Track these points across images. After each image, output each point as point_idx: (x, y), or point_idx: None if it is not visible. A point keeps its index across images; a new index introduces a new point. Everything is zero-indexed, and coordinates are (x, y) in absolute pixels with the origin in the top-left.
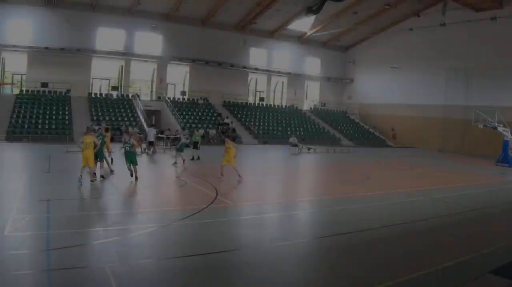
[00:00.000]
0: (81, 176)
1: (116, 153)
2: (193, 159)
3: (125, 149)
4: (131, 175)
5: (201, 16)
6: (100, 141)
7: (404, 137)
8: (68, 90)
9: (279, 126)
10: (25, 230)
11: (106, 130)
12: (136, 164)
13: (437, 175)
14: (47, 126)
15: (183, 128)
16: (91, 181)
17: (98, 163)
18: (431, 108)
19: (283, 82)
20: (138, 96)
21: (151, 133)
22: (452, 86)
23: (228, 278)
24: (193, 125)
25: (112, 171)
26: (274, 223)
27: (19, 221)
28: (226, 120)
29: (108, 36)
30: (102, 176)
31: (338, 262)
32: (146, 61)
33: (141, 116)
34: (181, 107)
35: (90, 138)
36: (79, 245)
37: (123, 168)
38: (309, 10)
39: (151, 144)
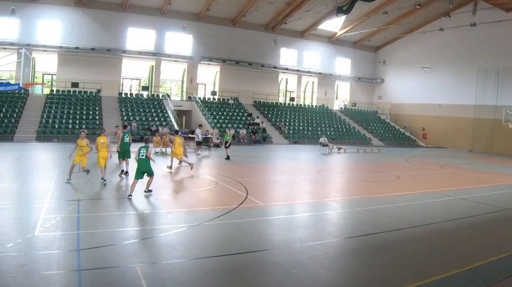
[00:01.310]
0: (102, 177)
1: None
2: (228, 158)
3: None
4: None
5: (231, 16)
6: (127, 138)
7: (435, 138)
8: (99, 90)
9: (310, 126)
10: (56, 230)
11: (124, 127)
12: (152, 174)
13: (467, 175)
14: (77, 126)
15: (213, 127)
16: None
17: (124, 161)
18: (462, 109)
19: (313, 82)
20: (169, 96)
21: (199, 134)
22: (483, 86)
23: (258, 278)
24: (224, 125)
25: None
26: (305, 223)
27: (49, 220)
28: (256, 120)
29: (138, 36)
30: (127, 172)
31: (368, 262)
32: (176, 61)
33: (171, 116)
34: (212, 107)
35: (104, 139)
36: (109, 245)
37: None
38: (340, 10)
39: (199, 144)
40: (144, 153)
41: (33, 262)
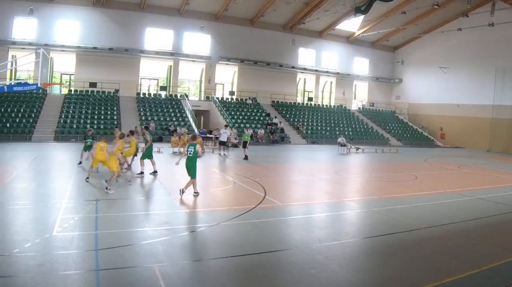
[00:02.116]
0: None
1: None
2: (246, 158)
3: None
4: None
5: (249, 16)
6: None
7: (453, 138)
8: (117, 90)
9: (328, 126)
10: (74, 230)
11: (146, 128)
12: (193, 177)
13: (485, 175)
14: (95, 126)
15: (231, 128)
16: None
17: (149, 160)
18: (480, 108)
19: (331, 82)
20: (187, 96)
21: (225, 134)
22: (501, 86)
23: (276, 278)
24: (242, 125)
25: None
26: (323, 223)
27: (67, 220)
28: (274, 120)
29: (156, 36)
30: (142, 172)
31: (386, 262)
32: (194, 61)
33: (189, 117)
34: (230, 107)
35: (103, 143)
36: (127, 245)
37: (167, 167)
38: (358, 10)
39: (222, 144)
40: (192, 151)
41: (51, 262)
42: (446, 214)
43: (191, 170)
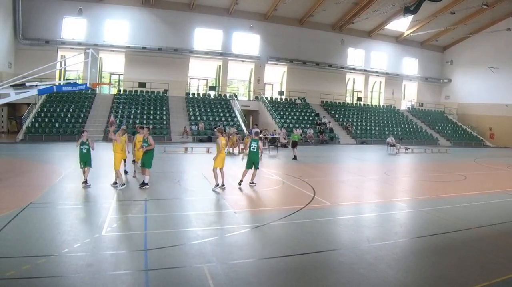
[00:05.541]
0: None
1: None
2: (295, 158)
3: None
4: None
5: (298, 16)
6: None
7: (502, 138)
8: (166, 90)
9: (377, 126)
10: (123, 230)
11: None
12: (257, 167)
13: None
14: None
15: (280, 128)
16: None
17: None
18: None
19: (380, 82)
20: (236, 96)
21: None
22: None
23: (325, 278)
24: (291, 125)
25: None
26: (372, 223)
27: (116, 221)
28: (323, 120)
29: (205, 36)
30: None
31: (435, 262)
32: (243, 61)
33: (238, 117)
34: (279, 107)
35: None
36: (176, 245)
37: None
38: (407, 10)
39: None
40: (255, 146)
41: (100, 262)
42: (496, 214)
43: (257, 162)
